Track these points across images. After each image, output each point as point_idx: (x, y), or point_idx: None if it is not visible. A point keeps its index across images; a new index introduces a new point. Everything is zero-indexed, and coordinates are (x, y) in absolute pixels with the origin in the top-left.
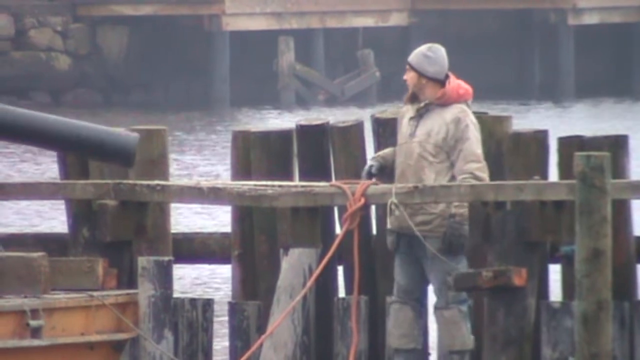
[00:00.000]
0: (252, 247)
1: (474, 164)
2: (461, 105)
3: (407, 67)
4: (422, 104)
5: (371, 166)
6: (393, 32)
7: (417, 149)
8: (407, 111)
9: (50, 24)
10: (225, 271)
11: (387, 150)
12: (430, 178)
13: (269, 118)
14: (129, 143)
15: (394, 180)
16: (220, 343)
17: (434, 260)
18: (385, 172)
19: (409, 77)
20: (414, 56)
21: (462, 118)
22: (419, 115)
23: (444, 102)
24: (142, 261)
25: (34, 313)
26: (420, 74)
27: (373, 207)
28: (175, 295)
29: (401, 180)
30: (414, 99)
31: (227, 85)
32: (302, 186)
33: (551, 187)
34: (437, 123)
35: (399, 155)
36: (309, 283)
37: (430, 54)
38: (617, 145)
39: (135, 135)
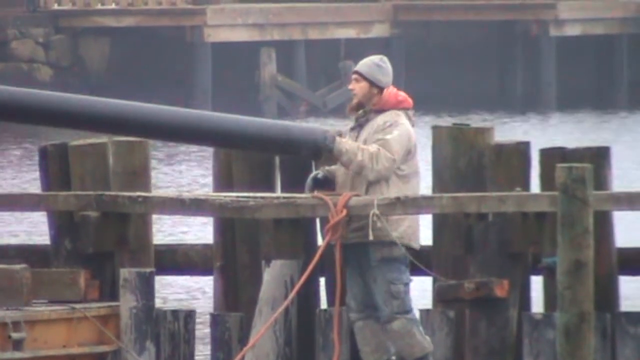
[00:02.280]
0: (234, 258)
1: (388, 154)
2: (397, 111)
3: (356, 76)
4: (360, 112)
5: (317, 173)
6: (375, 44)
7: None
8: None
9: (32, 36)
10: (207, 282)
11: (334, 167)
12: (387, 187)
13: None
14: (319, 137)
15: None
16: (202, 354)
17: (377, 269)
18: (331, 185)
19: (359, 86)
20: (365, 66)
21: (392, 120)
22: (359, 125)
23: (380, 108)
24: (124, 272)
25: (16, 325)
26: (372, 84)
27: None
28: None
29: (341, 191)
30: (359, 109)
31: (209, 97)
32: (284, 197)
33: (533, 198)
34: (373, 129)
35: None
36: (291, 295)
37: (382, 64)
38: (599, 156)
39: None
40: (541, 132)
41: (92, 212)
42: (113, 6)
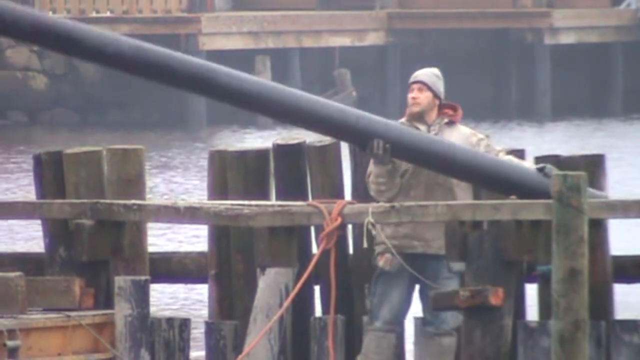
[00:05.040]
0: (228, 266)
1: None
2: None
3: (419, 85)
4: (434, 124)
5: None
6: (370, 52)
7: None
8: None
9: (26, 44)
10: (202, 291)
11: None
12: (460, 196)
13: (245, 137)
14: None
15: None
16: None
17: (450, 281)
18: (389, 168)
19: (424, 96)
20: (427, 77)
21: (476, 134)
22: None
23: (454, 121)
24: (119, 281)
25: (11, 333)
26: (435, 95)
27: (350, 227)
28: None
29: (428, 198)
30: (420, 118)
31: (203, 105)
32: (279, 205)
33: (528, 206)
34: (459, 140)
35: (417, 174)
36: (286, 303)
37: (440, 76)
38: (594, 164)
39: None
40: (536, 140)
41: (86, 220)
42: (108, 14)
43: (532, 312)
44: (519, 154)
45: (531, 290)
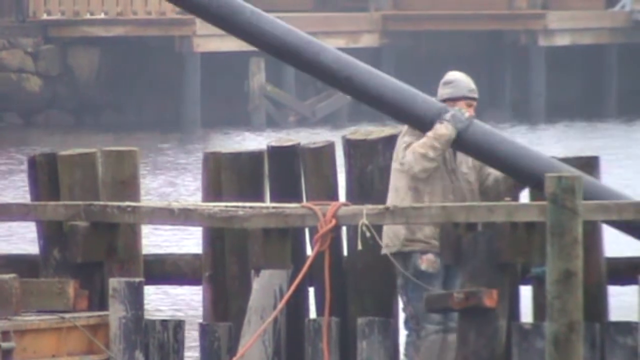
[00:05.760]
0: (223, 268)
1: None
2: None
3: (474, 101)
4: None
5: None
6: (364, 54)
7: (471, 176)
8: None
9: (21, 45)
10: (196, 292)
11: None
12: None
13: (240, 139)
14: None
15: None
16: None
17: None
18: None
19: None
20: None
21: None
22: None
23: None
24: (113, 282)
25: (5, 335)
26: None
27: (344, 228)
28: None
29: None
30: None
31: (198, 107)
32: (273, 207)
33: (522, 208)
34: None
35: (451, 178)
36: (280, 304)
37: None
38: (589, 166)
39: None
40: (530, 142)
41: (81, 222)
42: (102, 16)
43: (526, 314)
44: None
45: (525, 292)
